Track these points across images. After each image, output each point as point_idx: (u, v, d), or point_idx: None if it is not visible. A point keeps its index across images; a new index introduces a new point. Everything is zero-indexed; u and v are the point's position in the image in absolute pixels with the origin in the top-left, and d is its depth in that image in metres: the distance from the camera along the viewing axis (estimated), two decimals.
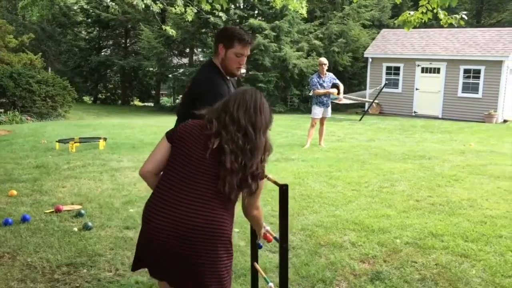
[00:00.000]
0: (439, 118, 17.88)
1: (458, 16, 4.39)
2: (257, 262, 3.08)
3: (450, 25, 4.55)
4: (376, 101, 18.16)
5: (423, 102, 18.79)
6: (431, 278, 3.50)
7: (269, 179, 2.67)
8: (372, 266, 3.72)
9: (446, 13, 4.45)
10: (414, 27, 5.05)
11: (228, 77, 2.93)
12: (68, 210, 4.88)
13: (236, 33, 2.80)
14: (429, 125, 14.53)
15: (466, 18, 4.49)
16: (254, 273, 3.08)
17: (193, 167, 2.15)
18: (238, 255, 3.83)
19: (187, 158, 2.17)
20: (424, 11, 4.47)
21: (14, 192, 5.49)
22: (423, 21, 4.54)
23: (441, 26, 5.73)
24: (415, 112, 18.85)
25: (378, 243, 4.15)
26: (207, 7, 6.88)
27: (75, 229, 4.35)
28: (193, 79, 2.96)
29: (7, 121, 14.55)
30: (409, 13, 4.59)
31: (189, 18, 8.22)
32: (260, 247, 3.01)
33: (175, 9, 8.53)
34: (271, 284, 2.69)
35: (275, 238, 2.67)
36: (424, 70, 18.76)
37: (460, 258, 3.85)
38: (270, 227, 2.91)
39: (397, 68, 19.34)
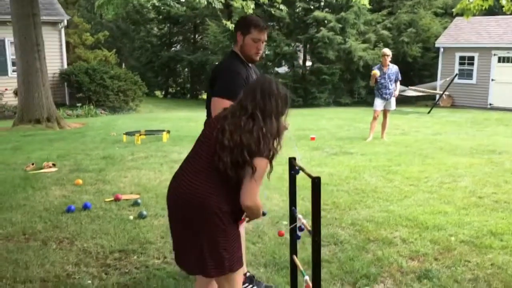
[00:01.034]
0: None
1: None
2: (296, 255, 3.07)
3: None
4: (446, 93, 17.34)
5: (500, 94, 17.70)
6: (484, 278, 3.32)
7: (303, 171, 2.64)
8: (421, 264, 3.58)
9: None
10: (481, 14, 4.74)
11: (249, 65, 3.06)
12: (126, 199, 5.12)
13: (252, 20, 2.99)
14: (505, 118, 13.66)
15: None
16: (293, 266, 3.07)
17: (200, 145, 2.39)
18: (284, 248, 3.84)
19: (200, 138, 2.42)
20: None
21: (80, 182, 5.83)
22: (483, 8, 4.25)
23: None
24: (490, 104, 17.80)
25: (431, 241, 3.99)
26: (263, 0, 6.89)
27: (131, 217, 4.55)
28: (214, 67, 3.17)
29: (83, 115, 15.45)
30: (468, 1, 4.32)
31: (250, 11, 8.28)
32: (299, 237, 2.99)
33: (236, 3, 8.63)
34: (306, 277, 2.67)
35: (308, 231, 2.64)
36: (501, 59, 17.65)
37: None
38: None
39: (471, 58, 18.35)
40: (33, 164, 6.79)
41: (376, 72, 8.81)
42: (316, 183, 2.39)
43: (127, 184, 5.82)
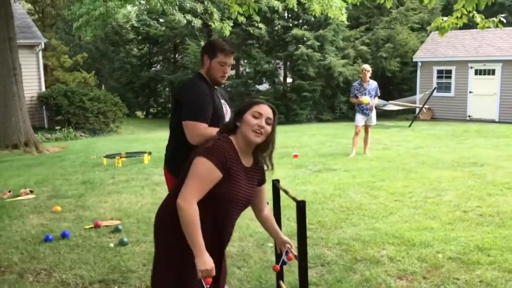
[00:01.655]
0: (496, 122, 17.04)
1: (496, 19, 4.11)
2: (283, 280, 2.98)
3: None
4: (426, 106, 17.55)
5: (478, 106, 17.99)
6: None
7: (287, 194, 2.57)
8: (410, 283, 3.52)
9: (483, 16, 4.17)
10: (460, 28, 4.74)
11: (215, 87, 3.10)
12: (106, 226, 4.97)
13: (218, 44, 3.06)
14: (484, 130, 13.84)
15: (504, 21, 4.21)
16: None
17: None
18: (270, 272, 3.73)
19: None
20: (459, 15, 4.22)
21: (59, 208, 5.66)
22: (457, 25, 4.29)
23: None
24: (469, 116, 18.07)
25: (418, 258, 3.93)
26: (240, 18, 6.91)
27: (111, 244, 4.41)
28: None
29: (62, 138, 15.20)
30: (442, 19, 4.34)
31: (227, 32, 8.27)
32: (285, 263, 2.90)
33: (214, 24, 8.62)
34: None
35: (295, 256, 2.56)
36: (478, 72, 17.99)
37: (507, 274, 3.57)
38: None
39: (449, 71, 18.65)
40: (10, 191, 6.59)
41: (365, 99, 8.79)
42: (301, 207, 2.32)
43: (108, 210, 5.67)
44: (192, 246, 2.13)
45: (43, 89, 16.95)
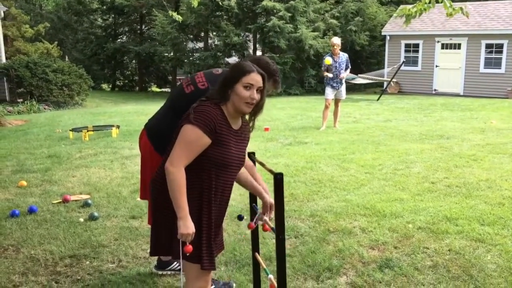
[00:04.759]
0: (461, 96, 17.44)
1: (464, 8, 4.11)
2: (258, 252, 2.98)
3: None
4: (394, 80, 17.77)
5: (443, 80, 18.33)
6: (443, 265, 3.36)
7: (264, 166, 2.54)
8: (381, 253, 3.59)
9: (452, 2, 4.14)
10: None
11: None
12: (75, 200, 4.86)
13: None
14: (450, 103, 14.14)
15: (470, 8, 4.17)
16: (256, 263, 2.98)
17: None
18: (244, 244, 3.75)
19: None
20: (427, 1, 4.17)
21: (24, 183, 5.49)
22: (425, 11, 4.25)
23: None
24: (435, 90, 18.40)
25: (389, 229, 4.01)
26: None
27: (81, 219, 4.31)
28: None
29: (25, 111, 14.69)
30: (409, 8, 4.28)
31: (195, 3, 8.07)
32: (241, 218, 2.93)
33: None
34: (270, 276, 2.58)
35: (272, 229, 2.55)
36: (444, 46, 18.26)
37: (475, 243, 3.68)
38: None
39: (416, 45, 18.86)
40: None
41: (327, 60, 8.81)
42: (278, 179, 2.29)
43: (76, 184, 5.54)
44: (177, 209, 2.18)
45: (3, 60, 16.29)
